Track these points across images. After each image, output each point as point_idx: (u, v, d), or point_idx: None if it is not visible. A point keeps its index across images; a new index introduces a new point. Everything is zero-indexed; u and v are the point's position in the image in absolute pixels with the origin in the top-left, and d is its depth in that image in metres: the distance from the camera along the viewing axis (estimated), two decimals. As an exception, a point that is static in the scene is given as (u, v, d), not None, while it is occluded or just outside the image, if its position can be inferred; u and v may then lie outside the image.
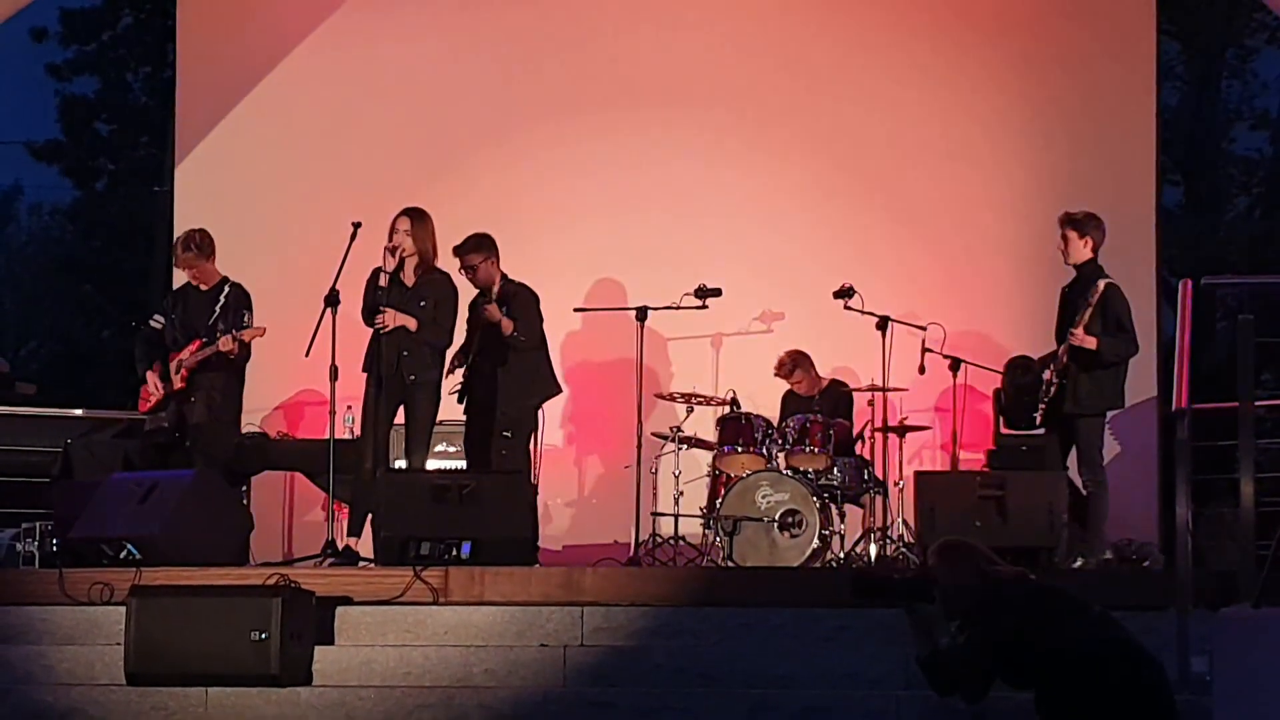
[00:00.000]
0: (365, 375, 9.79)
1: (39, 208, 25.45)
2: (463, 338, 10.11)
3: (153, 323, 10.31)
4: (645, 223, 12.05)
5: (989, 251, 11.90)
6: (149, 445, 10.10)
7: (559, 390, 10.27)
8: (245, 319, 10.05)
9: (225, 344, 9.91)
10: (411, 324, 9.69)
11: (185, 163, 12.64)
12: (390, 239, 9.79)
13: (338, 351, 9.54)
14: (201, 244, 10.19)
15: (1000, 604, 6.33)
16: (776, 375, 11.15)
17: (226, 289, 10.15)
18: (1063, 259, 9.74)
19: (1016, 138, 12.04)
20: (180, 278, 10.66)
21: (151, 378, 10.11)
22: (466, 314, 10.21)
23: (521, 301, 10.09)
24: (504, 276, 10.16)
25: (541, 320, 10.17)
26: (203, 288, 10.21)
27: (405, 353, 9.70)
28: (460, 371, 10.12)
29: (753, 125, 12.15)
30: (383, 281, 9.72)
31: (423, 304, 9.76)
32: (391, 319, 9.64)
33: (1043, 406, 9.52)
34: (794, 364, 11.11)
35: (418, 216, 9.85)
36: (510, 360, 10.00)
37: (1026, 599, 6.38)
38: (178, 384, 10.00)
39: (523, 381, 10.03)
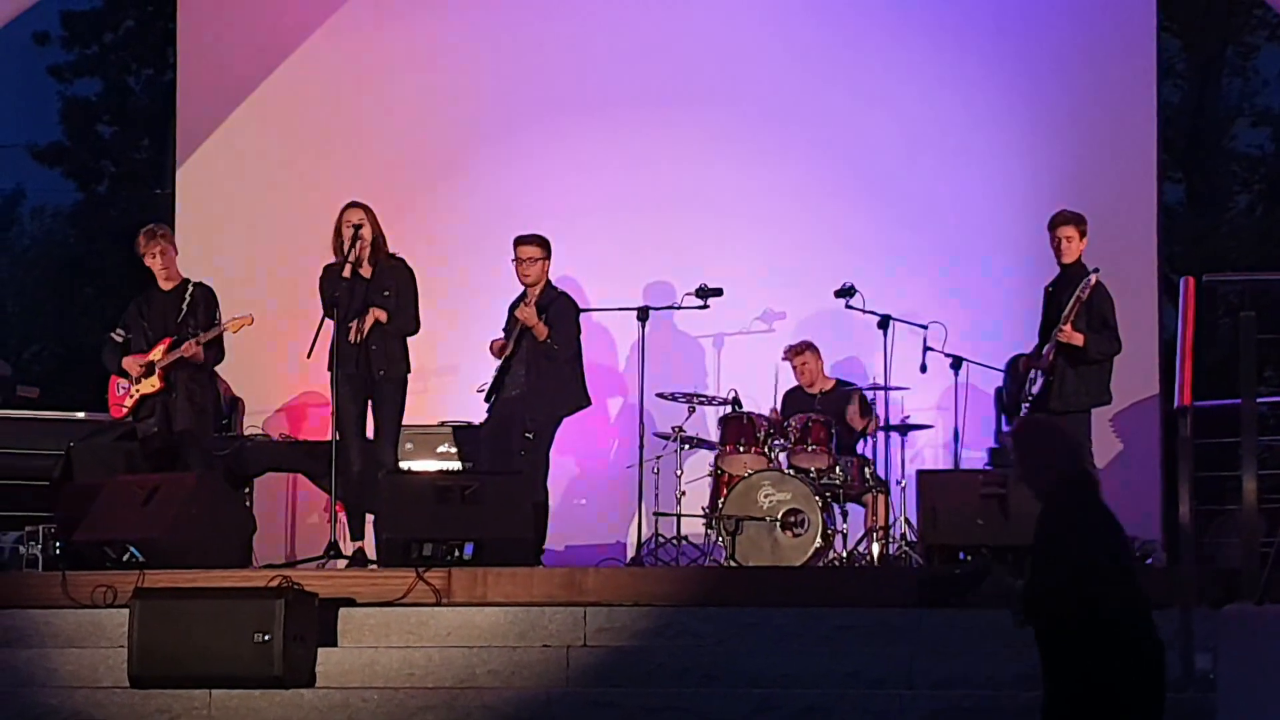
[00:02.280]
0: (332, 375, 9.60)
1: (41, 211, 25.41)
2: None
3: (115, 336, 10.12)
4: (646, 222, 12.05)
5: (990, 249, 11.89)
6: (148, 453, 10.04)
7: (589, 403, 10.21)
8: (216, 318, 9.93)
9: (188, 349, 9.77)
10: (384, 316, 9.63)
11: (186, 165, 12.64)
12: (339, 233, 9.66)
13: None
14: (167, 234, 10.14)
15: (1082, 493, 6.20)
16: (785, 358, 11.09)
17: (191, 288, 10.00)
18: (1057, 259, 9.69)
19: (1017, 135, 12.03)
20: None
21: (121, 381, 10.01)
22: (498, 312, 10.20)
23: (560, 310, 10.04)
24: (548, 282, 10.12)
25: (579, 331, 10.15)
26: (166, 287, 10.03)
27: (374, 347, 9.64)
28: (494, 368, 10.07)
29: (754, 124, 12.15)
30: (346, 273, 9.63)
31: (386, 293, 9.69)
32: (365, 325, 9.57)
33: (1026, 405, 9.50)
34: (805, 346, 11.07)
35: (367, 208, 9.77)
36: (544, 367, 9.97)
37: (1103, 510, 6.23)
38: (157, 385, 9.89)
39: (554, 390, 9.96)
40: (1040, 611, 6.14)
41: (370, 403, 9.70)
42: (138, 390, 9.91)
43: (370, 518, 9.60)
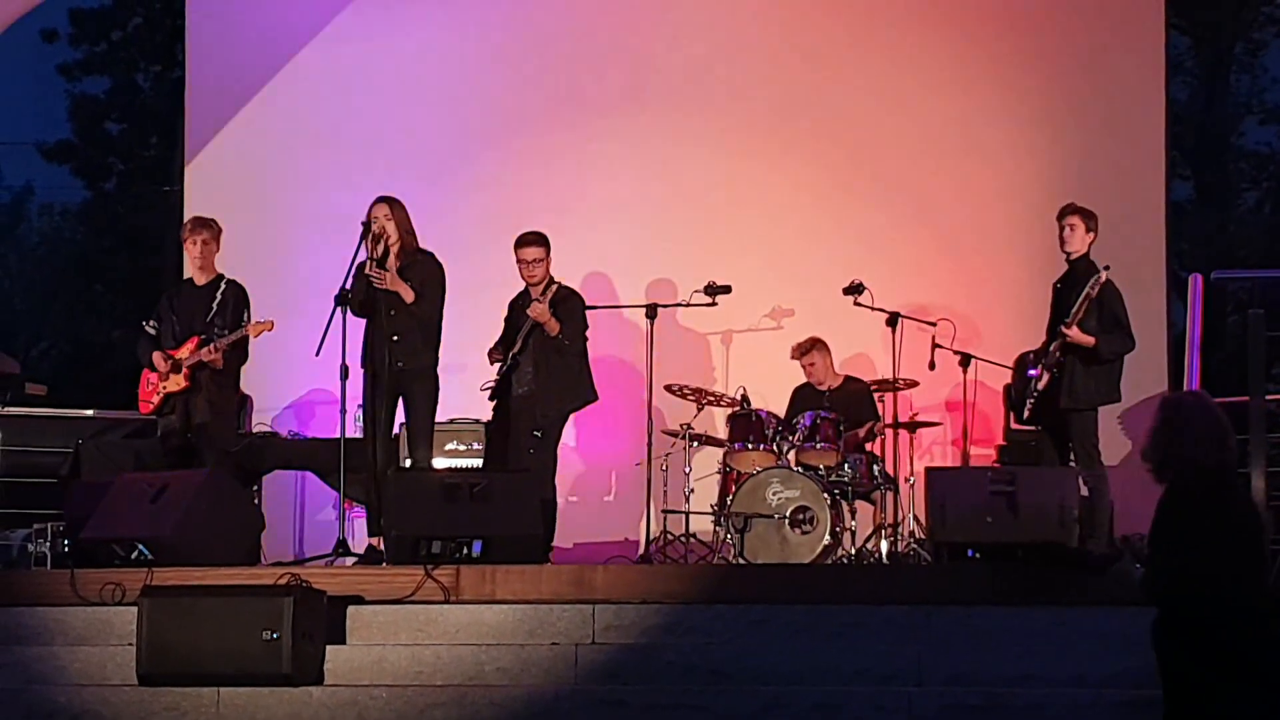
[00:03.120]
0: (364, 372, 9.72)
1: (50, 208, 25.50)
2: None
3: (148, 328, 10.19)
4: (655, 220, 12.06)
5: (999, 247, 11.89)
6: (168, 449, 10.05)
7: (596, 397, 10.21)
8: (245, 317, 9.98)
9: (208, 354, 9.83)
10: (408, 294, 9.65)
11: (195, 162, 12.66)
12: (368, 230, 9.73)
13: (348, 350, 9.53)
14: (215, 229, 10.19)
15: (1213, 485, 5.95)
16: (793, 358, 11.10)
17: (223, 285, 10.07)
18: (1060, 246, 9.64)
19: (1026, 132, 12.02)
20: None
21: (151, 376, 10.04)
22: (506, 311, 10.21)
23: (570, 306, 10.05)
24: (552, 279, 10.13)
25: (587, 324, 10.16)
26: (199, 282, 10.13)
27: (396, 338, 9.66)
28: (496, 366, 10.07)
29: (762, 122, 12.15)
30: (369, 269, 9.66)
31: (409, 284, 9.72)
32: (390, 280, 9.58)
33: (1030, 402, 9.48)
34: (811, 345, 11.07)
35: (394, 203, 9.80)
36: (553, 362, 9.98)
37: (1230, 505, 6.03)
38: (182, 383, 9.95)
39: (563, 385, 9.95)
40: (1157, 599, 6.00)
41: (401, 400, 9.73)
42: (164, 387, 9.94)
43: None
